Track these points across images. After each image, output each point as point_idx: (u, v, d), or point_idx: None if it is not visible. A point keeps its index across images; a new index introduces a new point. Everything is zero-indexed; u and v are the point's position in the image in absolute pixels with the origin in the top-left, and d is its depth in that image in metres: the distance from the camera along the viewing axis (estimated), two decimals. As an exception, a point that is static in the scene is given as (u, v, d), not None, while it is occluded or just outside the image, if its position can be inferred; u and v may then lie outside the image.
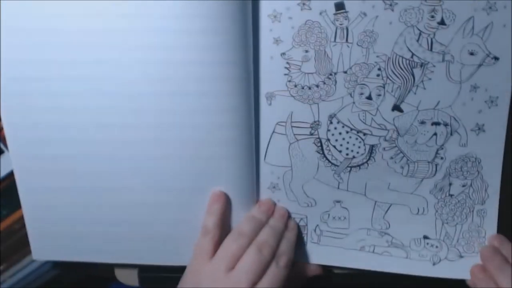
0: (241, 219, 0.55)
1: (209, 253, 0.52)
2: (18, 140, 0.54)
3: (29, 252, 0.61)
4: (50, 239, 0.58)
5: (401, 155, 0.54)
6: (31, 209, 0.57)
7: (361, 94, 0.52)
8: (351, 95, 0.52)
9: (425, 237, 0.56)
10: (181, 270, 0.55)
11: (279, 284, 0.52)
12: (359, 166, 0.55)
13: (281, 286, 0.52)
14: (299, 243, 0.57)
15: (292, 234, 0.55)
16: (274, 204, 0.56)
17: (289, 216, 0.57)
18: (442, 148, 0.53)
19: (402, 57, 0.51)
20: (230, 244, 0.52)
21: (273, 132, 0.54)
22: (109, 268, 0.62)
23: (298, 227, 0.57)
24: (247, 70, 0.51)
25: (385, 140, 0.53)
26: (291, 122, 0.53)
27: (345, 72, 0.52)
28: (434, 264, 0.56)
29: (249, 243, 0.52)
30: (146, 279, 0.60)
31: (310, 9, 0.50)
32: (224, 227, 0.54)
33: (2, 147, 0.59)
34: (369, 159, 0.54)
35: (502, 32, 0.50)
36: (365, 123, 0.53)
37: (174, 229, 0.55)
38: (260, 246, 0.52)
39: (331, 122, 0.53)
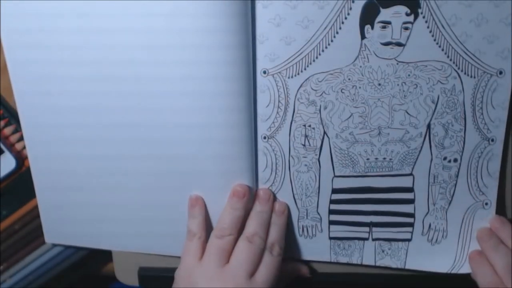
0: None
1: (198, 254, 0.52)
2: (33, 126, 0.55)
3: (29, 252, 0.61)
4: (62, 223, 0.58)
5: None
6: (44, 193, 0.58)
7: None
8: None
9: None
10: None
11: (275, 273, 0.52)
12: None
13: (277, 274, 0.53)
14: (292, 239, 0.57)
15: (281, 218, 0.55)
16: (249, 189, 0.54)
17: (277, 201, 0.56)
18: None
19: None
20: (214, 241, 0.52)
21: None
22: (109, 268, 0.63)
23: (288, 210, 0.56)
24: (248, 69, 0.51)
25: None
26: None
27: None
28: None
29: (232, 236, 0.52)
30: (146, 279, 0.60)
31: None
32: (208, 229, 0.54)
33: (2, 147, 0.59)
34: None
35: None
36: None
37: (182, 217, 0.56)
38: (250, 238, 0.52)
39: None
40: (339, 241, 0.57)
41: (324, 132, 0.54)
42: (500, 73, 0.52)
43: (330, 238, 0.57)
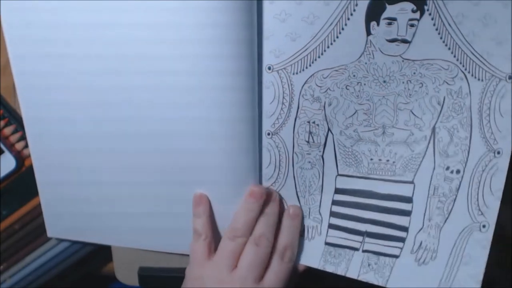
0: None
1: (206, 255, 0.52)
2: (35, 120, 0.55)
3: (29, 252, 0.62)
4: (64, 218, 0.59)
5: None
6: (46, 188, 0.58)
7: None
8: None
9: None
10: (181, 270, 0.55)
11: (285, 279, 0.52)
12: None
13: (287, 281, 0.52)
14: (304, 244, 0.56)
15: (295, 222, 0.54)
16: (266, 190, 0.54)
17: (292, 204, 0.55)
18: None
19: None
20: (227, 243, 0.52)
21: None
22: (109, 268, 0.62)
23: (303, 216, 0.55)
24: (253, 65, 0.51)
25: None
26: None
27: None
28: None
29: (245, 238, 0.52)
30: (146, 279, 0.60)
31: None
32: (213, 227, 0.54)
33: (2, 147, 0.59)
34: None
35: None
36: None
37: (185, 212, 0.55)
38: (257, 241, 0.52)
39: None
40: (332, 248, 0.56)
41: (328, 129, 0.53)
42: (510, 78, 0.50)
43: (326, 244, 0.56)
